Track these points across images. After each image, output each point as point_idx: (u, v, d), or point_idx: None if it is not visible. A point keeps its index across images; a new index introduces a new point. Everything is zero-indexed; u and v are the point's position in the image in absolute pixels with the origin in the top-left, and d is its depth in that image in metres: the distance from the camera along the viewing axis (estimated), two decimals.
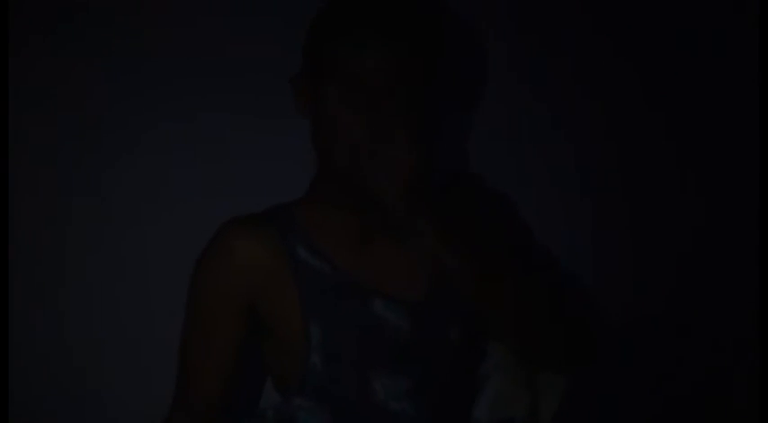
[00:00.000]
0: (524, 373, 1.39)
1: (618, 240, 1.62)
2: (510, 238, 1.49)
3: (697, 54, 1.58)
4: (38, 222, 1.51)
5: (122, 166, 1.53)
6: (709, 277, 1.58)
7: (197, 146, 1.54)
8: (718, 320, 1.52)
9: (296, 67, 1.30)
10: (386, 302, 1.31)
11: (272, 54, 1.51)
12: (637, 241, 1.61)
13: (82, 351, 1.53)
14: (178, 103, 1.53)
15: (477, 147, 1.61)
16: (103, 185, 1.53)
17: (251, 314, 1.33)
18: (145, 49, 1.51)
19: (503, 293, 1.29)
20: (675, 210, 1.60)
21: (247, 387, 1.51)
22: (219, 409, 1.35)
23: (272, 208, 1.36)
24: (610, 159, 1.61)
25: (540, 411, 1.39)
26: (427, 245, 1.25)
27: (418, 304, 1.33)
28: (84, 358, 1.53)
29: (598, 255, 1.62)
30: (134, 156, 1.53)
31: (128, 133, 1.53)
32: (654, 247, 1.61)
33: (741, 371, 1.39)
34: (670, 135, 1.60)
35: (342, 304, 1.30)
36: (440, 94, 1.30)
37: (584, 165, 1.61)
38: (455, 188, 1.41)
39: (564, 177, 1.62)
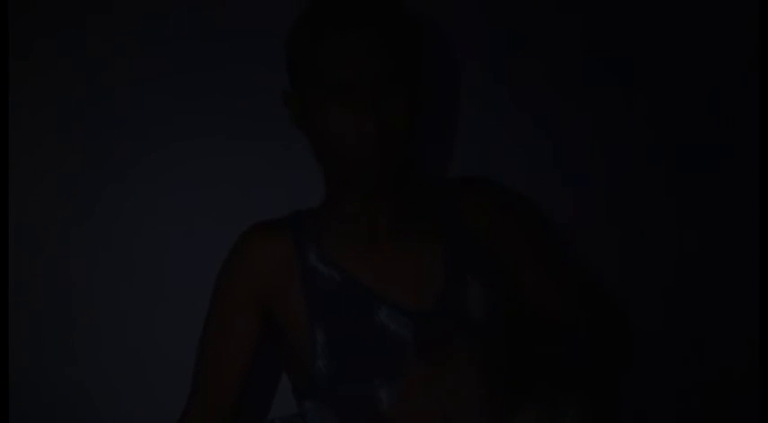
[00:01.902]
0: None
1: (617, 242, 1.62)
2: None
3: (697, 53, 1.58)
4: (37, 225, 1.51)
5: (127, 172, 1.54)
6: (709, 277, 1.58)
7: (204, 151, 1.55)
8: (719, 320, 1.51)
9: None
10: (390, 311, 1.31)
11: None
12: (636, 242, 1.61)
13: (85, 357, 1.53)
14: (182, 104, 1.53)
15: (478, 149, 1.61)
16: (107, 190, 1.53)
17: (267, 317, 1.36)
18: (149, 49, 1.52)
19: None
20: (675, 211, 1.59)
21: (259, 393, 1.51)
22: (233, 411, 1.37)
23: (290, 214, 1.40)
24: (605, 161, 1.61)
25: None
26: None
27: (423, 314, 1.32)
28: (86, 365, 1.53)
29: (598, 256, 1.62)
30: (139, 161, 1.53)
31: (132, 137, 1.53)
32: (653, 249, 1.61)
33: (741, 371, 1.38)
34: (669, 137, 1.60)
35: (347, 311, 1.32)
36: (418, 89, 1.31)
37: (582, 166, 1.61)
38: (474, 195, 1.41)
39: (561, 177, 1.61)
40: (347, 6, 1.29)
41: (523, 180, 1.56)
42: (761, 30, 1.46)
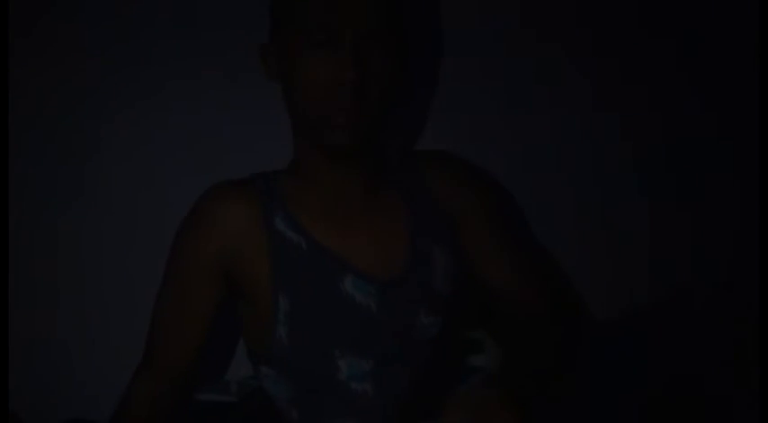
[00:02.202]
0: None
1: (616, 238, 1.57)
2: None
3: (698, 53, 1.54)
4: (37, 221, 1.48)
5: (120, 162, 1.49)
6: (708, 277, 1.55)
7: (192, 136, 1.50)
8: (718, 320, 1.45)
9: None
10: (355, 280, 1.29)
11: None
12: (633, 237, 1.57)
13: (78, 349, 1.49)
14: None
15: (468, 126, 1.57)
16: (102, 181, 1.49)
17: (226, 281, 1.32)
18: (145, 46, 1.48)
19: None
20: (674, 209, 1.56)
21: (215, 356, 1.46)
22: (185, 373, 1.34)
23: (255, 175, 1.36)
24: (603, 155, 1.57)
25: None
26: None
27: (388, 283, 1.31)
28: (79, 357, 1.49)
29: (594, 253, 1.58)
30: (132, 150, 1.49)
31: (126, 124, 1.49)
32: (650, 247, 1.57)
33: (741, 371, 1.34)
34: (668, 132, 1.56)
35: (312, 279, 1.30)
36: (403, 52, 1.30)
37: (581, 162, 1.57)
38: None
39: (560, 175, 1.57)
40: None
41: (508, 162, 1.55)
42: (761, 30, 1.45)
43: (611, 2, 1.53)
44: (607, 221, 1.57)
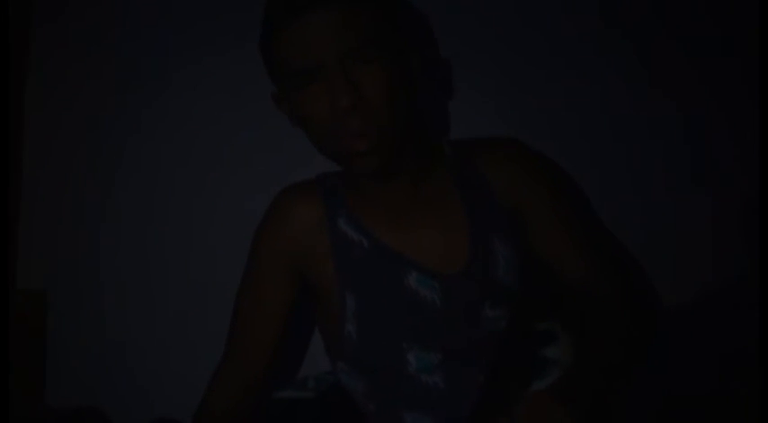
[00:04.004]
0: None
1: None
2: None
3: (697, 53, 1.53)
4: (49, 219, 1.53)
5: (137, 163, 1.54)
6: (711, 277, 1.54)
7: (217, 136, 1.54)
8: (718, 319, 1.49)
9: None
10: (420, 276, 1.31)
11: None
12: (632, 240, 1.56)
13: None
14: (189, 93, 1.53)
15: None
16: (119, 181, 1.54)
17: (299, 279, 1.36)
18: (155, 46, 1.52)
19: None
20: (674, 209, 1.54)
21: (293, 349, 1.50)
22: (264, 369, 1.37)
23: (321, 176, 1.39)
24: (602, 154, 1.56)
25: None
26: None
27: (451, 277, 1.31)
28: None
29: None
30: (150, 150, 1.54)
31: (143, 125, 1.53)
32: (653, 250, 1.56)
33: (741, 371, 1.37)
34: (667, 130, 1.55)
35: (376, 277, 1.32)
36: (402, 58, 1.27)
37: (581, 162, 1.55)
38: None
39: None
40: None
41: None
42: (761, 30, 1.43)
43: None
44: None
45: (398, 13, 1.34)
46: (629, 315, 1.36)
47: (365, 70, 1.24)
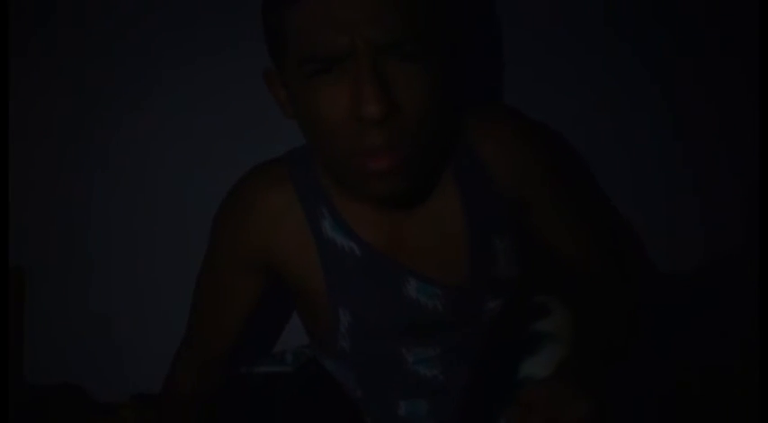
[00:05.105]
0: None
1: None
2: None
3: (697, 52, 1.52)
4: (40, 220, 1.51)
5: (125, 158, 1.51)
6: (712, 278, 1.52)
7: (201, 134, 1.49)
8: (718, 319, 1.46)
9: None
10: (420, 284, 1.16)
11: None
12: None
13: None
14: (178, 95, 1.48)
15: None
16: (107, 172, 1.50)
17: (271, 274, 1.22)
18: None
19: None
20: (674, 209, 1.54)
21: (265, 328, 1.46)
22: (224, 356, 1.31)
23: (293, 162, 1.19)
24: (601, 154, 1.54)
25: None
26: None
27: (454, 287, 1.17)
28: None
29: None
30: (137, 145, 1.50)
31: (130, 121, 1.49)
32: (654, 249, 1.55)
33: (741, 370, 1.34)
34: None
35: (372, 289, 1.16)
36: (447, 53, 1.04)
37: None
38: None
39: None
40: None
41: None
42: (761, 30, 1.41)
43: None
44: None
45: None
46: (625, 292, 1.28)
47: (405, 69, 0.98)
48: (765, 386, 1.16)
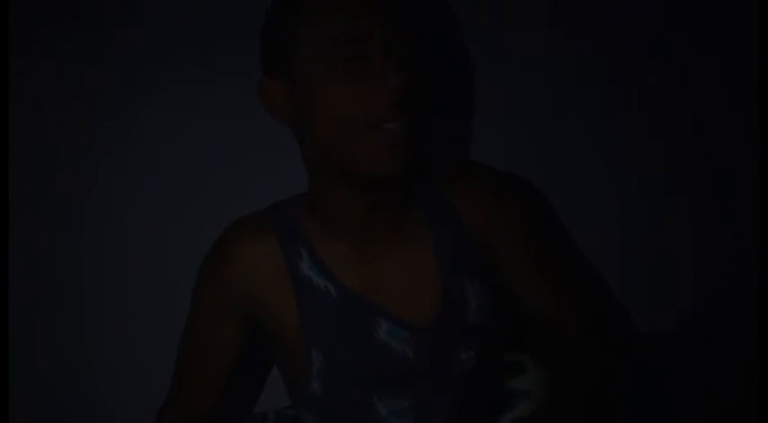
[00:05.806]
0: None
1: (617, 241, 1.57)
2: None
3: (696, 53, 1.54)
4: (38, 223, 1.48)
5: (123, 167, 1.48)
6: (709, 277, 1.56)
7: (199, 144, 1.47)
8: (718, 319, 1.49)
9: None
10: (390, 327, 1.21)
11: None
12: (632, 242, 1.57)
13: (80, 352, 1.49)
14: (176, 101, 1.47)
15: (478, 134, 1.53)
16: (103, 185, 1.48)
17: (249, 325, 1.26)
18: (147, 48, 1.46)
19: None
20: (674, 211, 1.56)
21: (247, 387, 1.47)
22: (211, 412, 1.31)
23: (274, 210, 1.27)
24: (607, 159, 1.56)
25: None
26: None
27: (425, 330, 1.22)
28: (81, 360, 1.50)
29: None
30: (135, 155, 1.47)
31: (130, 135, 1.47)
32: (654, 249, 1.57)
33: (741, 370, 1.36)
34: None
35: (345, 329, 1.21)
36: (427, 48, 1.18)
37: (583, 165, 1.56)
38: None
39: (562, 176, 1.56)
40: None
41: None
42: (761, 30, 1.44)
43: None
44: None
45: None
46: (598, 346, 1.31)
47: (409, 55, 1.12)
48: (765, 389, 1.19)
